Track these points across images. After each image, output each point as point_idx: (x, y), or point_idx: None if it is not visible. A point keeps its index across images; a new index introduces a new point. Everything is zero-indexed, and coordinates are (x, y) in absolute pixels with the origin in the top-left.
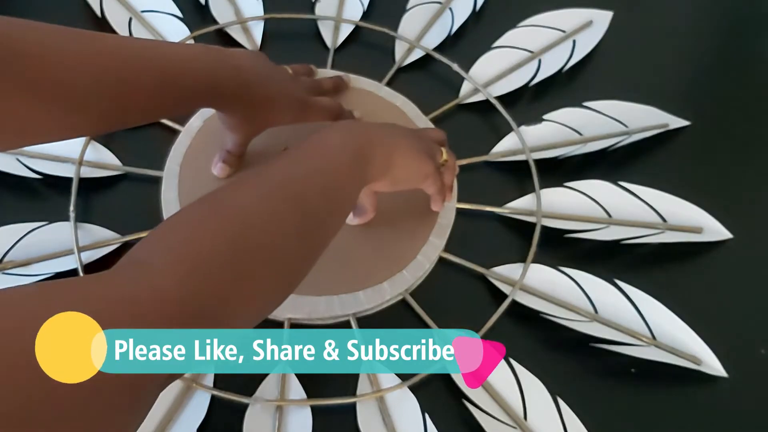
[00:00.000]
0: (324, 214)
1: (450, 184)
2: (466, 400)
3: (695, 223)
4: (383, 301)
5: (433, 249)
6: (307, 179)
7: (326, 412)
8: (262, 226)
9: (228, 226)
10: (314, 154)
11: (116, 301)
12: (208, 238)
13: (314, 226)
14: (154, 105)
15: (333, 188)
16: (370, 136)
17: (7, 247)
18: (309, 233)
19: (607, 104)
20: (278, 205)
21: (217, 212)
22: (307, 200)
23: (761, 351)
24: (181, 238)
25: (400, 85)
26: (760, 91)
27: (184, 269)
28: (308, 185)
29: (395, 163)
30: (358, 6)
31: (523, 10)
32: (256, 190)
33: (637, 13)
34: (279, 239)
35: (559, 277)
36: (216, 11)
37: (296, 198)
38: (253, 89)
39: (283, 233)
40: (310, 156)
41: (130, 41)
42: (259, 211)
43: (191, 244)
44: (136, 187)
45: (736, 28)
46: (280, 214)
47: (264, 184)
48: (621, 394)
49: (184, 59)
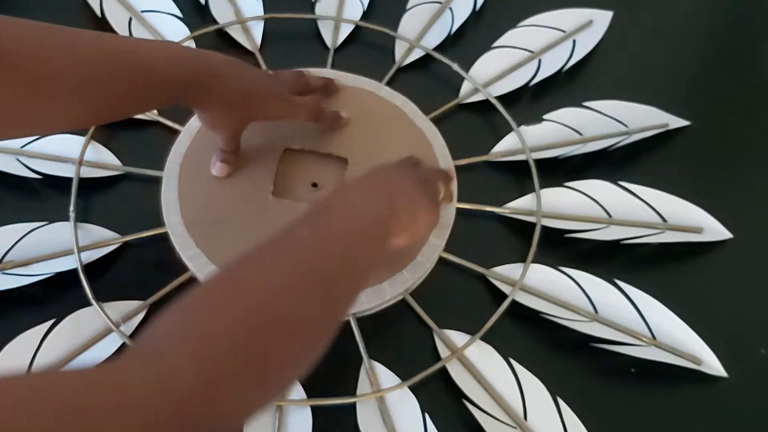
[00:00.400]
0: (345, 285)
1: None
2: (466, 400)
3: (695, 223)
4: (383, 301)
5: (433, 249)
6: (329, 250)
7: (326, 412)
8: (283, 304)
9: (246, 308)
10: (336, 221)
11: (126, 407)
12: (224, 325)
13: (336, 298)
14: (126, 99)
15: (355, 259)
16: (393, 199)
17: (7, 247)
18: (331, 306)
19: (607, 104)
20: (299, 281)
21: (234, 293)
22: (329, 274)
23: (761, 351)
24: (195, 325)
25: (400, 84)
26: (760, 91)
27: (199, 361)
28: (330, 257)
29: (413, 225)
30: (358, 6)
31: (523, 10)
32: (275, 265)
33: (637, 13)
34: (301, 317)
35: (559, 277)
36: (216, 11)
37: (318, 272)
38: (226, 83)
39: (304, 310)
40: (332, 222)
41: (105, 37)
42: (279, 289)
43: (206, 331)
44: (136, 187)
45: (736, 28)
46: (302, 291)
47: (283, 257)
48: (621, 394)
49: (156, 55)
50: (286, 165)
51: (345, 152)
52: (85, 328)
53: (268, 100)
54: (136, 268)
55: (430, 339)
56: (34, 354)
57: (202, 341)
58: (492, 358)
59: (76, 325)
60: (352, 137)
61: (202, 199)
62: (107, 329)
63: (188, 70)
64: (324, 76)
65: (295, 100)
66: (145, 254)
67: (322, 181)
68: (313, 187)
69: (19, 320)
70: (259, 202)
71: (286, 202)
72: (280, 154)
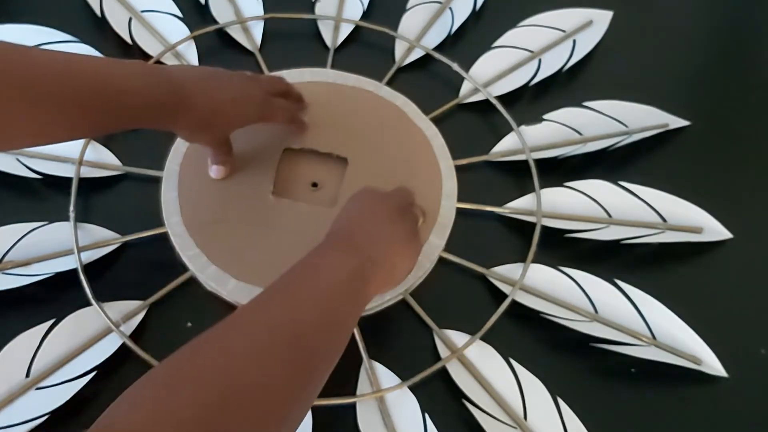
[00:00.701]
0: (323, 350)
1: None
2: (466, 400)
3: (695, 223)
4: (383, 301)
5: (433, 249)
6: (304, 317)
7: (326, 412)
8: (254, 379)
9: (211, 384)
10: (310, 285)
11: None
12: (185, 404)
13: (313, 366)
14: (81, 121)
15: (332, 321)
16: (366, 249)
17: (7, 247)
18: (307, 375)
19: (607, 104)
20: (272, 352)
21: (199, 369)
22: (305, 342)
23: (761, 351)
24: (157, 402)
25: (400, 84)
26: (760, 91)
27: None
28: (305, 324)
29: (395, 269)
30: (358, 6)
31: (523, 10)
32: (246, 337)
33: (637, 13)
34: (275, 390)
35: (559, 277)
36: (216, 11)
37: (292, 342)
38: (194, 102)
39: (278, 382)
40: (306, 287)
41: (63, 56)
42: (250, 364)
43: (166, 409)
44: (136, 187)
45: (736, 28)
46: (275, 363)
47: (256, 328)
48: (621, 394)
49: (120, 77)
50: (286, 165)
51: (345, 152)
52: (85, 328)
53: (244, 106)
54: (136, 268)
55: (430, 339)
56: (34, 354)
57: (166, 417)
58: (492, 358)
59: (76, 325)
60: (352, 137)
61: (202, 199)
62: (107, 329)
63: (151, 93)
64: (324, 76)
65: (275, 102)
66: (145, 254)
67: (322, 181)
68: (313, 187)
69: (19, 320)
70: (259, 202)
71: (286, 202)
72: (280, 154)
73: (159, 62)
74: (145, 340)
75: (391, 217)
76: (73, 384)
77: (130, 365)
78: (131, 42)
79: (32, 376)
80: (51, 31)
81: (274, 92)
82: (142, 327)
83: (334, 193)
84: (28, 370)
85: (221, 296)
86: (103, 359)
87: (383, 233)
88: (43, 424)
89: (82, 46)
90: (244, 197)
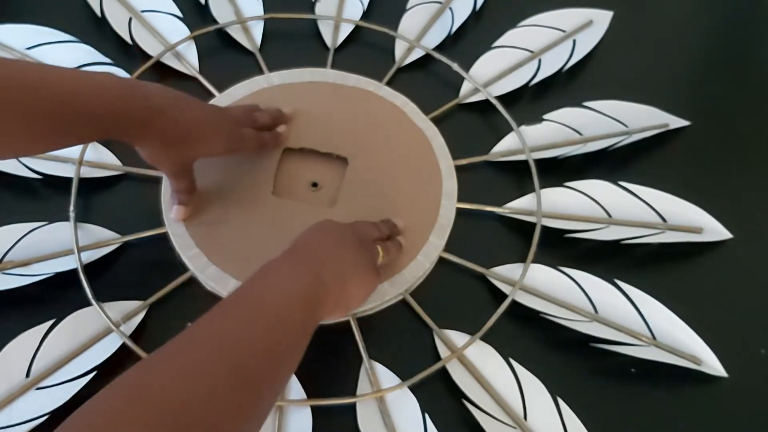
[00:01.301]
0: (271, 371)
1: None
2: (466, 400)
3: (695, 223)
4: (383, 301)
5: (433, 249)
6: (248, 341)
7: (326, 412)
8: (201, 401)
9: (160, 406)
10: (256, 308)
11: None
12: (135, 426)
13: (259, 388)
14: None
15: (280, 343)
16: (321, 275)
17: (7, 247)
18: (255, 397)
19: (607, 104)
20: (220, 375)
21: (148, 390)
22: (248, 368)
23: (761, 351)
24: (107, 426)
25: (400, 84)
26: (760, 91)
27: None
28: (249, 348)
29: (346, 295)
30: (358, 6)
31: (523, 10)
32: (195, 359)
33: (637, 13)
34: (221, 412)
35: (559, 277)
36: (216, 11)
37: (240, 364)
38: (165, 117)
39: (225, 405)
40: (253, 310)
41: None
42: (198, 386)
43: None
44: (136, 187)
45: (736, 28)
46: (222, 385)
47: (197, 353)
48: (621, 394)
49: (89, 87)
50: (286, 164)
51: (345, 152)
52: (85, 328)
53: (212, 137)
54: (136, 268)
55: (430, 339)
56: (34, 354)
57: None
58: (492, 358)
59: (76, 325)
60: (352, 137)
61: (202, 199)
62: (107, 329)
63: (120, 103)
64: (324, 76)
65: (243, 133)
66: (145, 254)
67: (322, 181)
68: (313, 187)
69: (19, 320)
70: (259, 202)
71: (286, 202)
72: (280, 154)
73: (159, 62)
74: (145, 340)
75: (349, 246)
76: (73, 384)
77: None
78: (131, 42)
79: (32, 376)
80: (51, 31)
81: (244, 123)
82: (142, 327)
83: (334, 193)
84: (28, 370)
85: (221, 296)
86: (103, 359)
87: (339, 259)
88: (43, 424)
89: (82, 46)
90: (244, 197)
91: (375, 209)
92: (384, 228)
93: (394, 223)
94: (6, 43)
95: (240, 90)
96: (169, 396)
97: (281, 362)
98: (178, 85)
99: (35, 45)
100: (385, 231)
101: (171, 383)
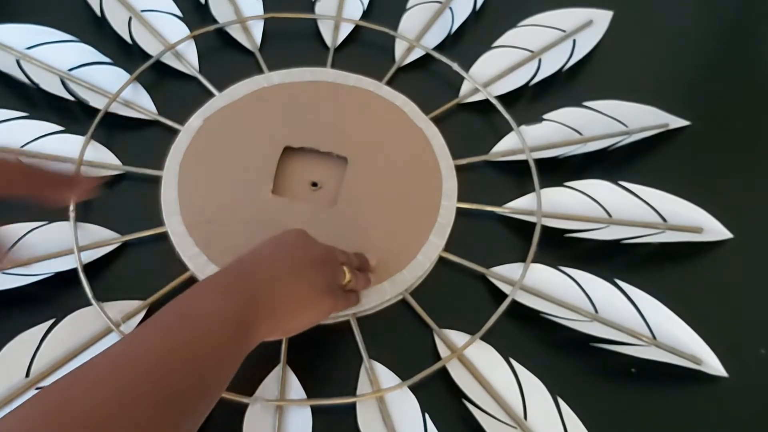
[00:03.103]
0: (193, 396)
1: (364, 287)
2: (466, 400)
3: (695, 223)
4: (383, 301)
5: (433, 248)
6: (177, 360)
7: (326, 412)
8: (122, 421)
9: (80, 424)
10: (187, 329)
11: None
12: None
13: (181, 411)
14: None
15: (208, 370)
16: (255, 293)
17: (7, 247)
18: (174, 421)
19: (607, 104)
20: (137, 398)
21: (69, 405)
22: (173, 386)
23: (761, 351)
24: None
25: (400, 84)
26: (760, 91)
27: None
28: (175, 366)
29: (286, 316)
30: (358, 5)
31: (523, 10)
32: (111, 378)
33: (637, 13)
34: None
35: (559, 276)
36: (216, 11)
37: (161, 387)
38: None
39: (143, 429)
40: (182, 331)
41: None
42: (119, 406)
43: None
44: (136, 187)
45: (736, 28)
46: (139, 409)
47: (122, 370)
48: (621, 394)
49: None
50: (286, 164)
51: (345, 152)
52: (85, 328)
53: None
54: (136, 268)
55: (430, 339)
56: (33, 354)
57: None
58: (492, 358)
59: (76, 325)
60: (352, 137)
61: (202, 199)
62: (107, 329)
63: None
64: (324, 76)
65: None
66: (145, 254)
67: (322, 180)
68: (313, 187)
69: (19, 320)
70: (258, 201)
71: (285, 201)
72: (279, 153)
73: (159, 62)
74: None
75: (301, 266)
76: None
77: None
78: (131, 41)
79: (32, 376)
80: (51, 30)
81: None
82: None
83: (334, 193)
84: (28, 370)
85: None
86: None
87: (285, 283)
88: None
89: (82, 46)
90: (244, 196)
91: (375, 209)
92: (354, 259)
93: (366, 258)
94: (6, 43)
95: (240, 89)
96: (90, 414)
97: (209, 381)
98: (178, 84)
99: (35, 45)
100: (354, 261)
101: (93, 401)
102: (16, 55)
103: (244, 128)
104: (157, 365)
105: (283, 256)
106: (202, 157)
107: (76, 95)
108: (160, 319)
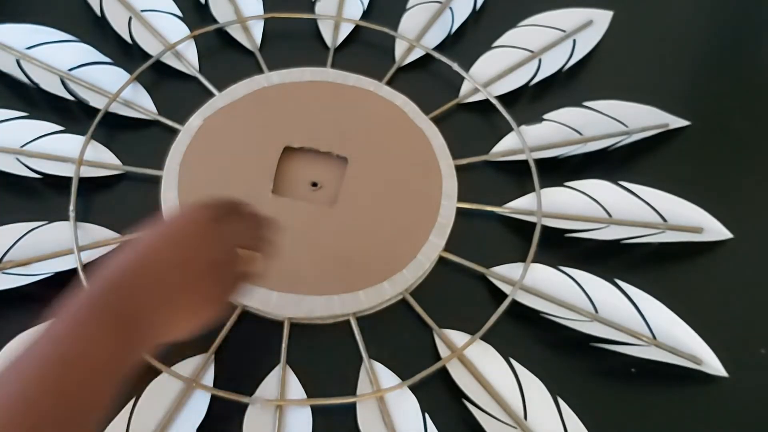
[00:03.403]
0: None
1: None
2: (466, 400)
3: (695, 223)
4: (383, 301)
5: (433, 248)
6: (42, 402)
7: (326, 412)
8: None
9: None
10: (55, 361)
11: None
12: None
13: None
14: None
15: (72, 404)
16: (138, 320)
17: (7, 246)
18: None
19: (607, 104)
20: None
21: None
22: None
23: (761, 351)
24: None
25: (400, 84)
26: (760, 91)
27: None
28: (41, 409)
29: (173, 334)
30: (358, 5)
31: (523, 10)
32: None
33: (637, 13)
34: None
35: (559, 276)
36: (216, 10)
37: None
38: None
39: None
40: (50, 363)
41: None
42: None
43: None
44: (136, 187)
45: (736, 28)
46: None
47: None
48: (621, 394)
49: None
50: (286, 164)
51: (345, 152)
52: None
53: None
54: None
55: (430, 339)
56: None
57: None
58: (492, 358)
59: None
60: (352, 137)
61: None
62: None
63: None
64: (324, 76)
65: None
66: None
67: (322, 180)
68: (313, 186)
69: (19, 320)
70: (258, 201)
71: (285, 201)
72: (279, 153)
73: (159, 62)
74: None
75: (196, 281)
76: None
77: None
78: (131, 41)
79: None
80: (51, 30)
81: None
82: None
83: (334, 193)
84: None
85: None
86: None
87: (173, 306)
88: None
89: (82, 46)
90: (244, 196)
91: (375, 209)
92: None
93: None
94: (6, 43)
95: (240, 89)
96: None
97: (73, 413)
98: (178, 84)
99: (35, 45)
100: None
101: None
102: (16, 55)
103: (244, 128)
104: (22, 409)
105: (173, 269)
106: (202, 157)
107: (76, 95)
108: (28, 358)
